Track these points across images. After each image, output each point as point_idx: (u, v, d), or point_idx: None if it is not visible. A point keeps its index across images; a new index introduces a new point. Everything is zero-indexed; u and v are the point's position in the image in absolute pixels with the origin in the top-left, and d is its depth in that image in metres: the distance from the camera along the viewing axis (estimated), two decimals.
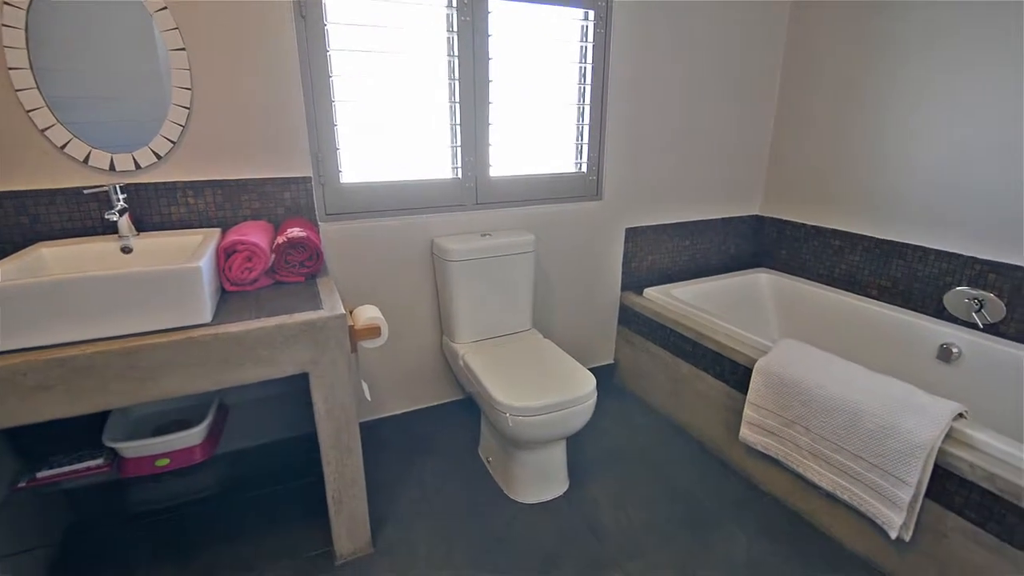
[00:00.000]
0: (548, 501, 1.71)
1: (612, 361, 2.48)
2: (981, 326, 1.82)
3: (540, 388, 1.56)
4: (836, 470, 1.46)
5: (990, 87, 1.72)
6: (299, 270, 1.42)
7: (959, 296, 1.87)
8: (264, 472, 1.81)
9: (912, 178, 1.97)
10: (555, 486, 1.74)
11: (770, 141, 2.48)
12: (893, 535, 1.33)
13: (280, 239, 1.39)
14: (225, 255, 1.32)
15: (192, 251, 1.30)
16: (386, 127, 1.76)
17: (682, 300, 2.15)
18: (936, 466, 1.27)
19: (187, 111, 1.48)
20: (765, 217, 2.57)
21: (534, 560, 1.48)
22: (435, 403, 2.12)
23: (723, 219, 2.50)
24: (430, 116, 1.82)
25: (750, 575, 1.44)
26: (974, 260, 1.82)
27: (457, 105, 1.81)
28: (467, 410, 2.16)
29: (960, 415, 1.30)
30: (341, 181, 1.72)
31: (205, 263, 1.18)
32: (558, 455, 1.71)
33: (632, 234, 2.29)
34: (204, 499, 1.70)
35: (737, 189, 2.49)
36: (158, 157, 1.48)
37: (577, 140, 2.09)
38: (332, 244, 1.76)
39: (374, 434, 2.01)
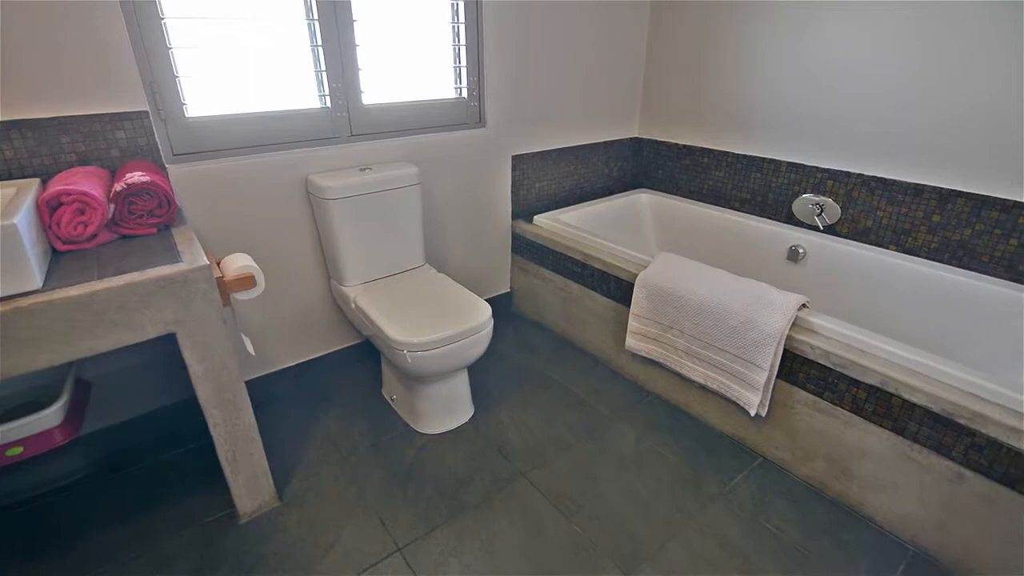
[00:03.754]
0: (455, 429, 1.76)
1: (508, 290, 2.53)
2: (821, 228, 2.07)
3: (436, 322, 1.56)
4: (706, 364, 1.64)
5: (831, 18, 1.86)
6: (148, 220, 1.25)
7: (804, 203, 2.10)
8: (147, 443, 1.67)
9: (767, 98, 2.12)
10: (460, 414, 1.79)
11: (644, 64, 2.54)
12: (752, 413, 1.55)
13: (118, 186, 1.20)
14: (49, 209, 1.13)
15: (3, 207, 1.09)
16: (236, 50, 1.55)
17: (570, 224, 2.22)
18: (785, 350, 1.47)
19: None
20: (643, 139, 2.67)
21: (445, 484, 1.54)
22: (332, 350, 2.05)
23: (605, 143, 2.56)
24: (288, 37, 1.62)
25: (639, 464, 1.61)
26: (816, 169, 2.04)
27: (316, 23, 1.63)
28: (366, 353, 2.12)
29: (803, 305, 1.50)
30: (187, 115, 1.51)
31: (22, 219, 1.00)
32: (461, 384, 1.75)
33: (519, 161, 2.28)
34: (79, 482, 1.55)
35: (616, 112, 2.55)
36: None
37: (455, 63, 1.99)
38: (187, 189, 1.56)
39: (269, 389, 1.92)
